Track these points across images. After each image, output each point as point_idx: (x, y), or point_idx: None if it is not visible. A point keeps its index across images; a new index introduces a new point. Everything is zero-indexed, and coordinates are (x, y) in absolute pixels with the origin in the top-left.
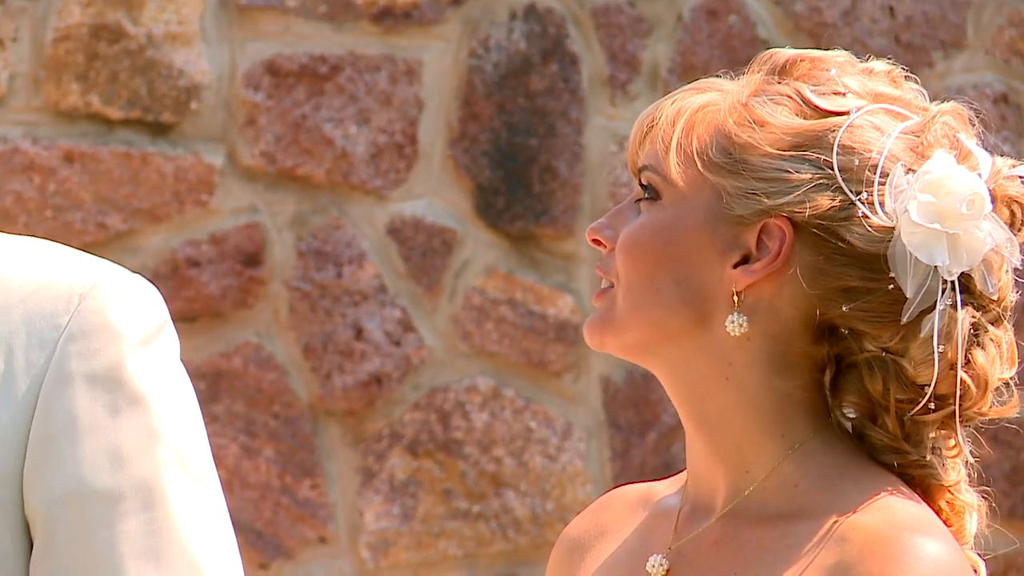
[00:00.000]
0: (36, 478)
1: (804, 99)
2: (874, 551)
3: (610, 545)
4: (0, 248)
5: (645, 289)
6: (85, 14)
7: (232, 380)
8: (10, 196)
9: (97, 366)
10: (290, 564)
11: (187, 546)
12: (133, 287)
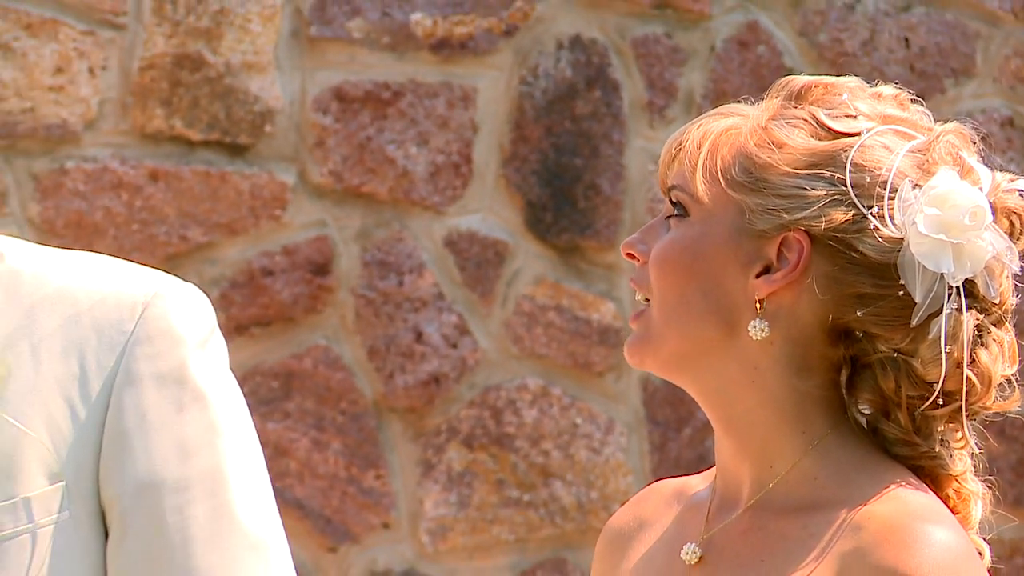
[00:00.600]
0: (111, 470)
1: (819, 122)
2: (888, 539)
3: (650, 536)
4: (65, 263)
5: (677, 303)
6: (169, 44)
7: (303, 380)
8: (100, 211)
9: (163, 367)
10: (356, 548)
11: (247, 528)
12: (189, 295)
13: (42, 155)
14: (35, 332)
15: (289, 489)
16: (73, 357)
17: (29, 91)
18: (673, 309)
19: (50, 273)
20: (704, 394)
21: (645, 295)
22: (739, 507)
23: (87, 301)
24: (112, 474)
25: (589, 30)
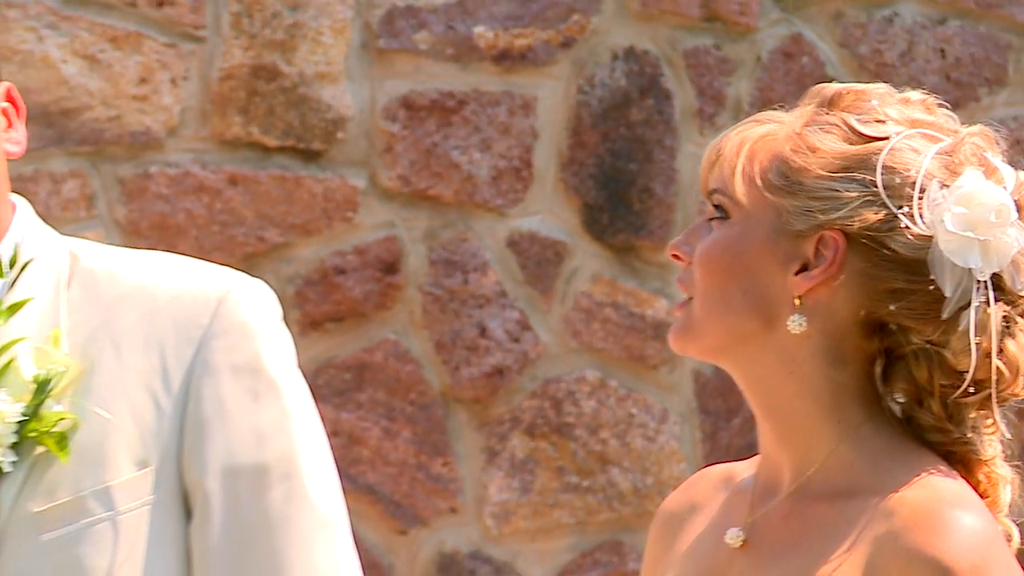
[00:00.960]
0: (193, 456)
1: (850, 127)
2: (919, 523)
3: (700, 519)
4: (137, 262)
5: (718, 299)
6: (246, 56)
7: (374, 372)
8: (182, 213)
9: (238, 359)
10: (425, 531)
11: (318, 508)
12: (259, 291)
13: (127, 161)
14: (115, 328)
15: (362, 475)
16: (153, 351)
17: (115, 100)
18: (714, 305)
19: (124, 272)
20: (745, 382)
21: (690, 293)
22: (780, 493)
23: (164, 298)
24: (194, 460)
25: (642, 42)
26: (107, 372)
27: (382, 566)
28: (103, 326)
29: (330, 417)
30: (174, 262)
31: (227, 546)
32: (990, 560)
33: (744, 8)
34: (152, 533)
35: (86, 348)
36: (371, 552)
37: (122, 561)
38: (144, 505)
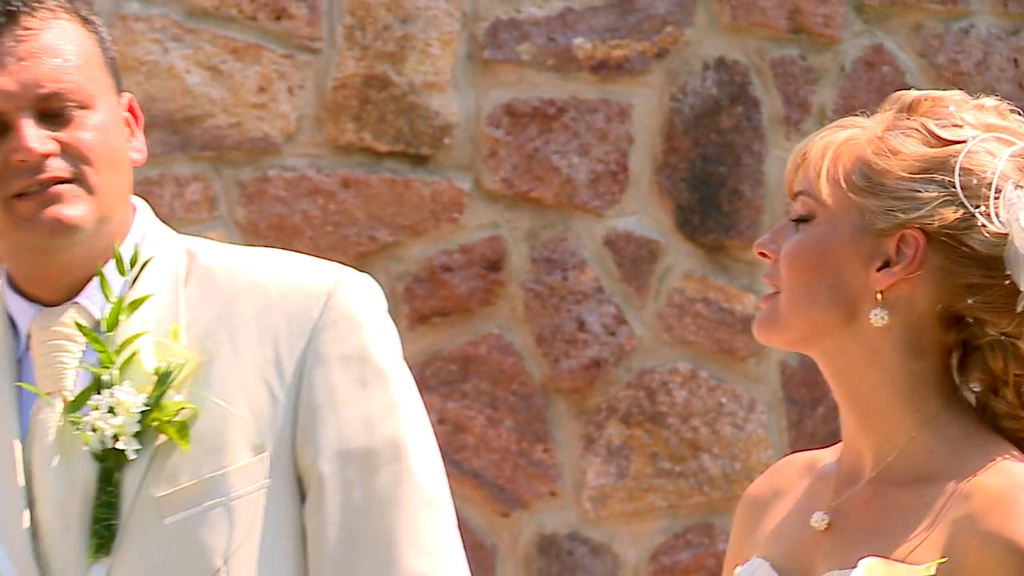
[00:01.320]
0: (306, 441)
1: (929, 131)
2: (994, 507)
3: (784, 503)
4: (252, 259)
5: (804, 294)
6: (359, 66)
7: (479, 364)
8: (298, 215)
9: (347, 349)
10: (526, 513)
11: (424, 488)
12: (365, 285)
13: (247, 165)
14: (232, 322)
15: (467, 461)
16: (267, 343)
17: (235, 108)
18: (800, 299)
19: (240, 268)
20: (830, 372)
21: (776, 288)
22: (862, 479)
23: (276, 293)
24: (307, 445)
25: (732, 52)
26: (224, 364)
27: (485, 547)
28: (220, 320)
29: (437, 406)
30: (285, 258)
31: (340, 525)
32: None
33: (828, 20)
34: (268, 515)
35: (204, 341)
36: (475, 533)
37: (240, 541)
38: (261, 489)
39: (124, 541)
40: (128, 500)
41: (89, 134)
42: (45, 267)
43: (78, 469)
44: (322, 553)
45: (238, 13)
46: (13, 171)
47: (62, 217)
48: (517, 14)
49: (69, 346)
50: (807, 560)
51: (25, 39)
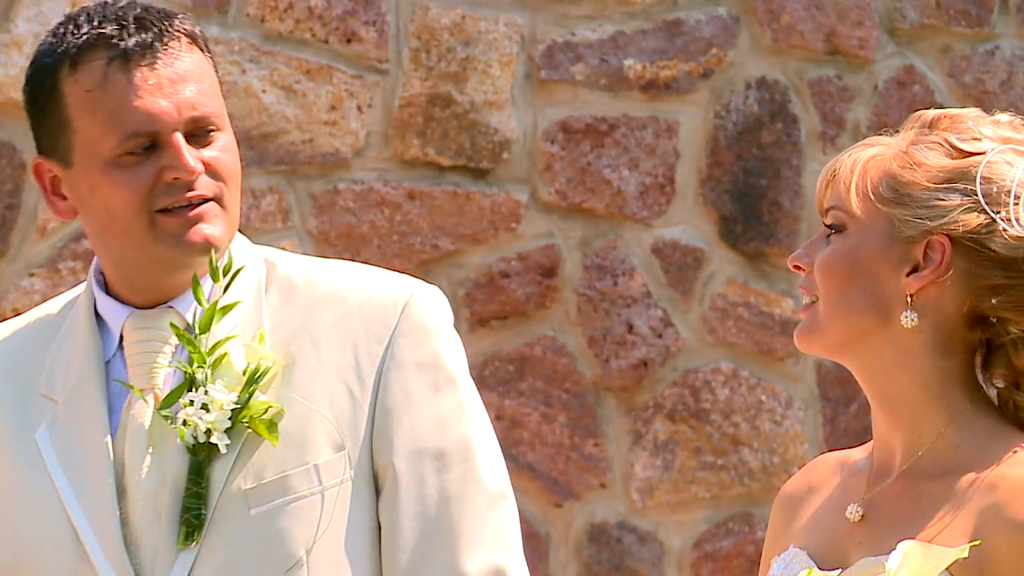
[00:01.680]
0: (382, 440)
1: (951, 144)
2: (1019, 496)
3: (818, 499)
4: (328, 270)
5: (840, 300)
6: (423, 86)
7: (534, 364)
8: (366, 224)
9: (422, 355)
10: (578, 504)
11: (489, 487)
12: (436, 296)
13: (318, 178)
14: (313, 327)
15: (522, 455)
16: (348, 348)
17: (308, 125)
18: (837, 305)
19: (318, 279)
20: (863, 373)
21: (812, 297)
22: (893, 473)
23: (355, 302)
24: (383, 443)
25: (772, 73)
26: (307, 366)
27: (540, 535)
28: (302, 326)
29: (495, 404)
30: (361, 270)
31: (412, 519)
32: None
33: (863, 43)
34: (347, 509)
35: (288, 346)
36: (530, 523)
37: (322, 533)
38: (341, 484)
39: (211, 531)
40: (216, 492)
41: (224, 155)
42: (160, 277)
43: (169, 462)
44: (395, 544)
45: (311, 36)
46: (163, 187)
47: (208, 236)
48: (572, 37)
49: (161, 347)
50: (842, 549)
51: (171, 64)
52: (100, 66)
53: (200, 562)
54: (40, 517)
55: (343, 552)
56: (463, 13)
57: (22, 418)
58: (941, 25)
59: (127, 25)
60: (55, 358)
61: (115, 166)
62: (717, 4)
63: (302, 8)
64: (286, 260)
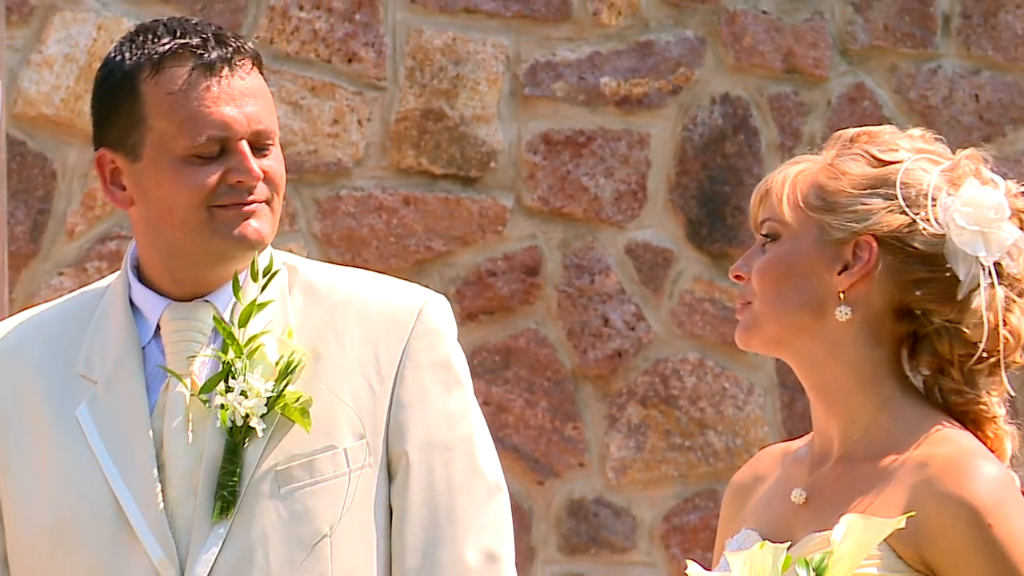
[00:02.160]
0: (397, 431)
1: (871, 155)
2: (948, 472)
3: (764, 486)
4: (346, 276)
5: (776, 300)
6: (418, 102)
7: (518, 354)
8: (366, 228)
9: (435, 357)
10: (559, 481)
11: (488, 478)
12: (445, 305)
13: (322, 185)
14: (337, 326)
15: (508, 437)
16: (369, 346)
17: (312, 137)
18: (773, 305)
19: (338, 284)
20: (800, 366)
21: (749, 299)
22: (832, 458)
23: (376, 306)
24: (398, 435)
25: (735, 89)
26: (332, 361)
27: (523, 510)
28: (327, 325)
29: (483, 391)
30: (377, 278)
31: (421, 504)
32: (1008, 499)
33: (817, 62)
34: (366, 491)
35: (313, 341)
36: (515, 498)
37: (344, 511)
38: (361, 468)
39: (244, 506)
40: (250, 471)
41: (277, 165)
42: (207, 269)
43: (206, 442)
44: (405, 525)
45: (315, 56)
46: (226, 187)
47: (259, 231)
48: (553, 57)
49: (198, 336)
50: (789, 529)
51: (243, 79)
52: (183, 73)
53: (233, 534)
54: (81, 487)
55: (362, 529)
56: (454, 35)
57: (61, 396)
58: (888, 46)
59: (208, 40)
60: (92, 341)
61: (185, 163)
62: (685, 27)
63: (307, 31)
64: (306, 265)
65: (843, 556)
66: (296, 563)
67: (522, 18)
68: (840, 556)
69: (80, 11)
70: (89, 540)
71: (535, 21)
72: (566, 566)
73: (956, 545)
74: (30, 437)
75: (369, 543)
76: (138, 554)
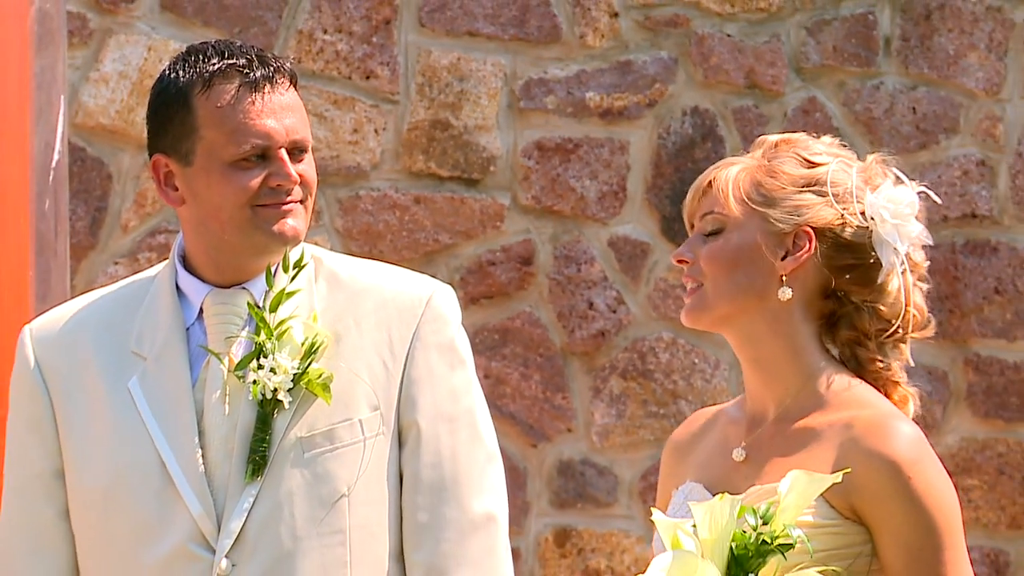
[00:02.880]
0: (408, 405)
1: (803, 158)
2: (871, 431)
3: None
4: (365, 268)
5: (727, 283)
6: (427, 113)
7: (515, 334)
8: (382, 223)
9: (442, 339)
10: (549, 445)
11: (488, 446)
12: (451, 294)
13: (343, 186)
14: (356, 312)
15: (505, 406)
16: (383, 329)
17: (335, 144)
18: (724, 288)
19: (358, 274)
20: (741, 340)
21: (697, 283)
22: (767, 421)
23: (391, 294)
24: (408, 407)
25: (703, 103)
26: (351, 342)
27: (519, 469)
28: (347, 310)
29: (483, 365)
30: (392, 270)
31: (429, 468)
32: (924, 455)
33: (775, 79)
34: (380, 456)
35: (335, 325)
36: (511, 459)
37: (360, 474)
38: (376, 436)
39: (272, 468)
40: (278, 438)
41: (310, 169)
42: (247, 260)
43: (240, 412)
44: (415, 486)
45: (337, 74)
46: (267, 190)
47: (295, 228)
48: (544, 75)
49: (236, 320)
50: (731, 483)
51: (283, 95)
52: (231, 89)
53: (263, 493)
54: (132, 451)
55: (376, 490)
56: (458, 55)
57: (115, 370)
58: (837, 65)
59: (252, 60)
60: (143, 322)
61: (232, 168)
62: (660, 48)
63: (330, 51)
64: (330, 257)
65: (788, 506)
66: (318, 519)
67: (518, 41)
68: (786, 506)
69: (132, 34)
70: (138, 497)
71: (529, 43)
72: (556, 518)
73: (880, 495)
74: (88, 406)
75: (382, 502)
76: (180, 509)
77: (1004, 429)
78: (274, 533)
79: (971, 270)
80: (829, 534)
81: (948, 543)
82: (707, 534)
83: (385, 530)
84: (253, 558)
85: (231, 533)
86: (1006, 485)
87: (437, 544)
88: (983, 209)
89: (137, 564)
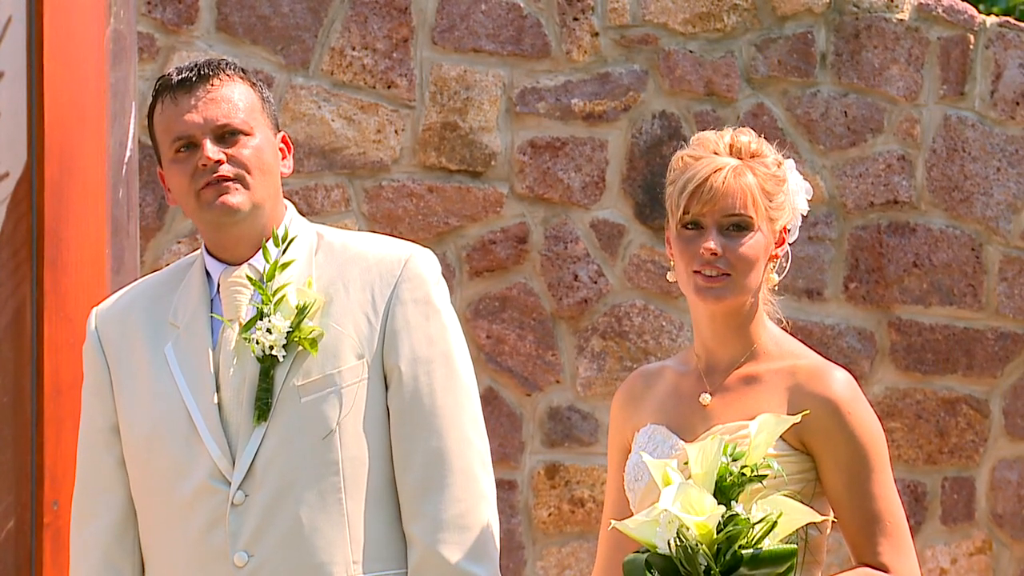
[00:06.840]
0: (390, 351)
1: (777, 163)
2: (814, 377)
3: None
4: (355, 239)
5: (755, 275)
6: (438, 117)
7: (512, 301)
8: (400, 209)
9: (417, 295)
10: (541, 394)
11: (464, 383)
12: (429, 256)
13: (369, 178)
14: (346, 277)
15: (504, 361)
16: (367, 291)
17: (362, 143)
18: (753, 279)
19: (349, 244)
20: (733, 312)
21: (728, 271)
22: (727, 372)
23: (374, 259)
24: (391, 353)
25: (670, 107)
26: (340, 303)
27: (515, 415)
28: (338, 276)
29: (486, 327)
30: (379, 238)
31: (411, 404)
32: (857, 396)
33: (729, 88)
34: (366, 397)
35: (327, 289)
36: (509, 407)
37: (346, 413)
38: (361, 381)
39: (275, 413)
40: (278, 387)
41: (247, 150)
42: (225, 238)
43: (247, 367)
44: (400, 420)
45: (364, 83)
46: (199, 172)
47: (227, 201)
48: (537, 84)
49: (243, 291)
50: (693, 425)
51: (211, 91)
52: (165, 99)
53: (269, 433)
54: (166, 405)
55: (362, 425)
56: (464, 68)
57: (156, 338)
58: (781, 76)
59: (192, 68)
60: (179, 298)
61: (174, 163)
62: (633, 62)
63: (358, 65)
64: (330, 232)
65: (760, 444)
66: (315, 451)
67: (515, 56)
68: (758, 443)
69: (192, 51)
70: (171, 443)
71: (524, 58)
72: (547, 456)
73: (824, 430)
74: (135, 369)
75: (368, 435)
76: (202, 452)
77: (921, 380)
78: (278, 467)
79: (894, 247)
80: (785, 463)
81: (878, 467)
82: (699, 469)
83: (376, 460)
84: (262, 488)
85: (242, 469)
86: (923, 428)
87: (422, 468)
88: (904, 196)
89: (172, 499)
